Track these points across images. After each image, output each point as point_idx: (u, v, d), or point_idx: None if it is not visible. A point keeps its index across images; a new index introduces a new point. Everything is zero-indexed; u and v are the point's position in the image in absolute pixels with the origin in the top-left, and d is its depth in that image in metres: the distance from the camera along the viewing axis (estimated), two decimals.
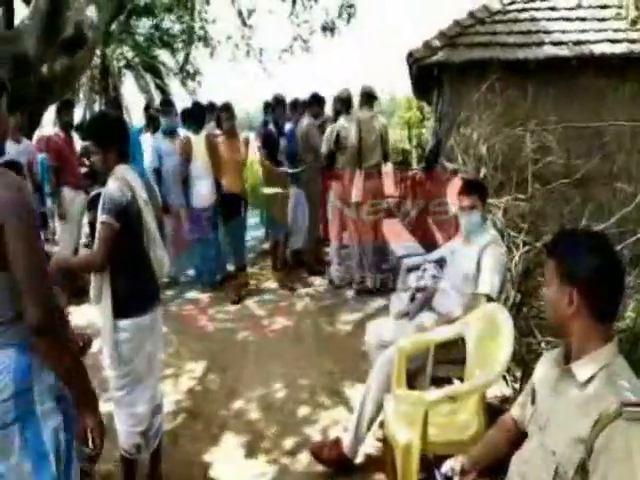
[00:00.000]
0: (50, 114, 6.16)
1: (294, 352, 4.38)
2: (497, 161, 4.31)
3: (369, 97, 5.75)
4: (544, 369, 1.68)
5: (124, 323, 2.44)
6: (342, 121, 5.62)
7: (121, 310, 2.44)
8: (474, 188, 3.25)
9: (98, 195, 2.46)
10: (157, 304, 2.62)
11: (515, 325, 2.62)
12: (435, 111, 7.92)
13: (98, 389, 1.83)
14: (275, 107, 6.28)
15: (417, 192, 6.82)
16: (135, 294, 2.49)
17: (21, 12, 6.27)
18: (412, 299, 3.72)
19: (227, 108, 5.60)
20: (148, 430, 2.61)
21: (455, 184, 4.30)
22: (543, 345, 3.26)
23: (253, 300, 5.58)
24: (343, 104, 5.73)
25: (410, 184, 7.16)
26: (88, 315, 3.73)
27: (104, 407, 2.16)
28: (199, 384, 3.89)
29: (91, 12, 5.94)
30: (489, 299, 2.99)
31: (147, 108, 6.22)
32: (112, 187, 2.40)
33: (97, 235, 2.38)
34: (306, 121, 6.25)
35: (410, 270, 4.18)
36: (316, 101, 6.48)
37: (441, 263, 4.16)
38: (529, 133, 4.30)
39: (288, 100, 6.57)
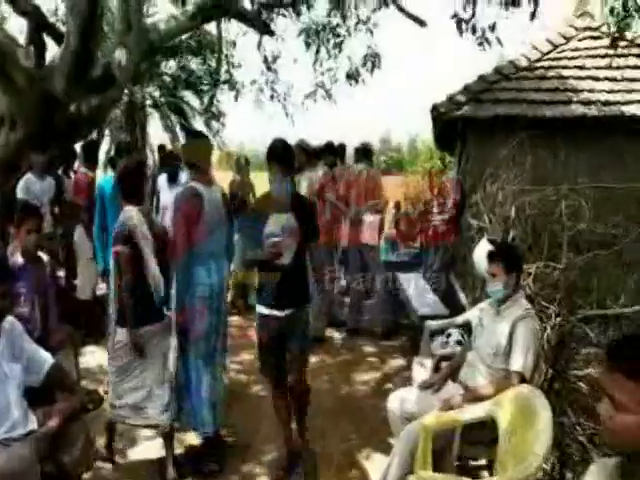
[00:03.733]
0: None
1: (310, 410, 4.17)
2: (527, 223, 4.15)
3: (365, 152, 6.16)
4: None
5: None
6: None
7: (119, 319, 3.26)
8: (499, 255, 3.10)
9: None
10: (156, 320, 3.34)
11: None
12: (458, 164, 7.83)
13: None
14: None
15: (440, 244, 6.65)
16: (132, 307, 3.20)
17: (52, 49, 6.37)
18: (436, 368, 3.53)
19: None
20: None
21: (482, 246, 4.15)
22: (579, 429, 3.04)
23: None
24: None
25: (432, 235, 7.00)
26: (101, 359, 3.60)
27: None
28: None
29: (120, 53, 5.99)
30: (522, 378, 2.80)
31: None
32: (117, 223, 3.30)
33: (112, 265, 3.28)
34: (320, 171, 6.18)
35: (434, 334, 3.99)
36: (330, 150, 6.43)
37: (467, 327, 3.99)
38: (562, 196, 4.14)
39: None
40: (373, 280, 6.00)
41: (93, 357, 4.92)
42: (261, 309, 3.32)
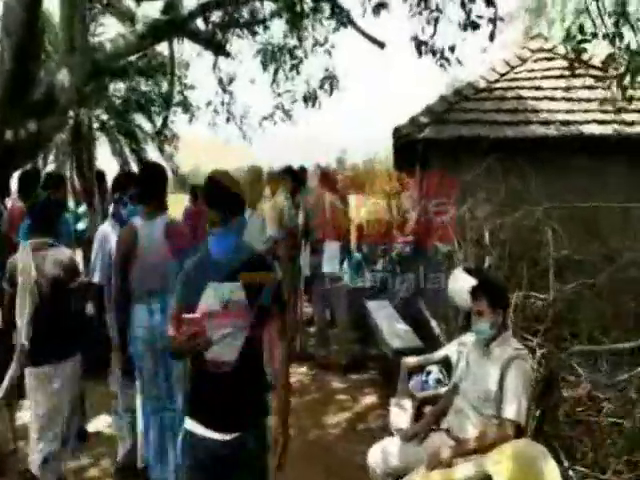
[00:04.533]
0: None
1: None
2: (503, 249, 3.93)
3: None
4: None
5: None
6: None
7: None
8: (483, 291, 2.84)
9: None
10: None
11: None
12: (420, 186, 7.64)
13: None
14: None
15: (406, 269, 6.42)
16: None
17: None
18: (418, 414, 3.22)
19: None
20: None
21: (458, 276, 3.91)
22: (571, 473, 2.77)
23: None
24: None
25: (397, 260, 6.77)
26: None
27: None
28: None
29: (63, 75, 5.54)
30: (517, 427, 2.53)
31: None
32: None
33: None
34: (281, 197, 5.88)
35: (411, 372, 3.69)
36: (291, 174, 6.16)
37: (446, 363, 3.71)
38: (538, 220, 3.94)
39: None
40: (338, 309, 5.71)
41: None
42: (191, 425, 2.22)
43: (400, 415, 3.46)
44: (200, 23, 8.19)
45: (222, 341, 2.10)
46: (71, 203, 7.91)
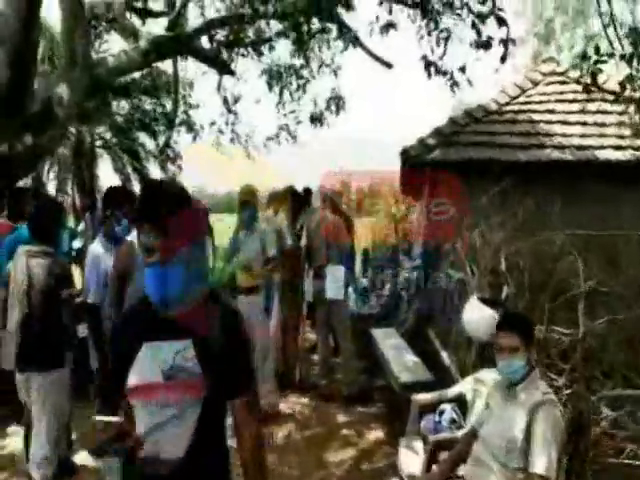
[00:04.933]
0: None
1: None
2: (522, 277, 3.66)
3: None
4: None
5: None
6: None
7: None
8: (516, 324, 2.56)
9: None
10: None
11: None
12: (427, 210, 7.38)
13: None
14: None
15: (414, 295, 6.14)
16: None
17: None
18: (431, 459, 2.91)
19: None
20: None
21: (476, 307, 3.63)
22: None
23: None
24: None
25: (405, 286, 6.49)
26: None
27: None
28: None
29: (62, 89, 5.34)
30: None
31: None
32: None
33: None
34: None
35: (422, 411, 3.39)
36: (293, 195, 5.92)
37: (460, 400, 3.41)
38: (559, 246, 3.67)
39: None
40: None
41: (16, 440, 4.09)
42: None
43: (411, 458, 3.15)
44: (205, 41, 8.06)
45: (162, 429, 1.46)
46: (71, 221, 7.70)
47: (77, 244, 5.99)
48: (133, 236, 3.13)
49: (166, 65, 9.64)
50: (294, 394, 5.25)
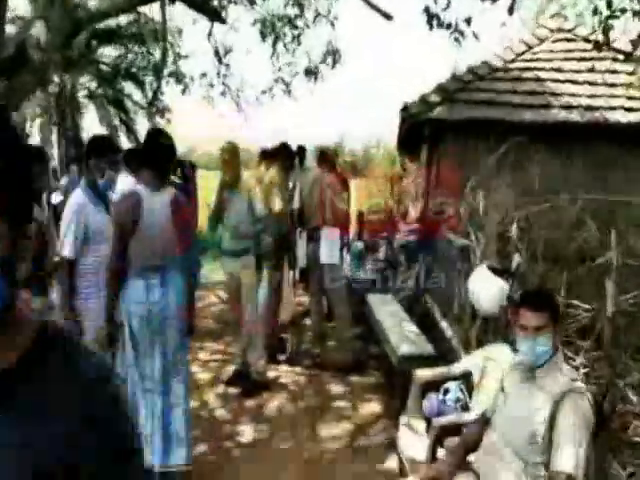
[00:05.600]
0: None
1: None
2: (535, 246, 3.36)
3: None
4: None
5: None
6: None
7: None
8: (544, 299, 2.26)
9: None
10: None
11: None
12: (427, 170, 7.02)
13: None
14: None
15: (411, 260, 5.85)
16: None
17: None
18: (436, 443, 2.66)
19: None
20: None
21: (485, 277, 3.34)
22: None
23: (213, 393, 4.42)
24: None
25: (401, 250, 6.20)
26: None
27: None
28: None
29: (38, 31, 4.85)
30: None
31: None
32: None
33: None
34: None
35: (425, 389, 3.13)
36: (286, 152, 5.49)
37: (467, 378, 3.15)
38: (579, 211, 3.35)
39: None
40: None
41: None
42: None
43: (411, 439, 2.91)
44: None
45: None
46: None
47: (57, 198, 5.59)
48: (126, 183, 3.00)
49: (154, 12, 9.01)
50: (285, 363, 4.99)
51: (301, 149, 7.00)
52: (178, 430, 2.96)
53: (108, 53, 10.27)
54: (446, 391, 3.00)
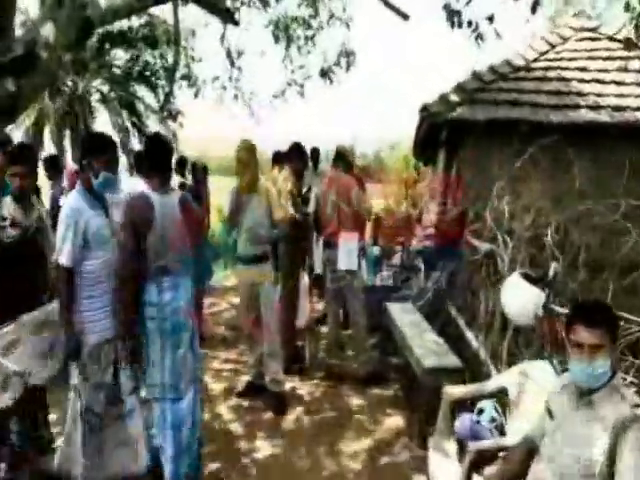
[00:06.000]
0: None
1: None
2: (575, 254, 3.09)
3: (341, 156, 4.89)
4: None
5: None
6: None
7: None
8: (602, 314, 1.98)
9: None
10: None
11: None
12: (446, 173, 6.74)
13: None
14: None
15: (430, 266, 5.59)
16: None
17: None
18: (472, 470, 2.39)
19: None
20: None
21: (520, 285, 3.07)
22: None
23: (226, 405, 4.19)
24: None
25: (419, 256, 5.94)
26: None
27: None
28: None
29: (47, 31, 4.66)
30: None
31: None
32: None
33: None
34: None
35: (458, 408, 2.86)
36: (299, 153, 5.22)
37: (501, 396, 2.89)
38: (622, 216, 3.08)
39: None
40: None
41: None
42: None
43: (443, 464, 2.64)
44: None
45: None
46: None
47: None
48: (148, 191, 2.82)
49: (166, 14, 8.84)
50: (301, 374, 4.73)
51: (315, 151, 6.77)
52: (189, 440, 2.88)
53: (120, 56, 10.15)
54: (480, 411, 2.74)
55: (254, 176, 4.14)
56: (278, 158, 5.81)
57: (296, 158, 5.09)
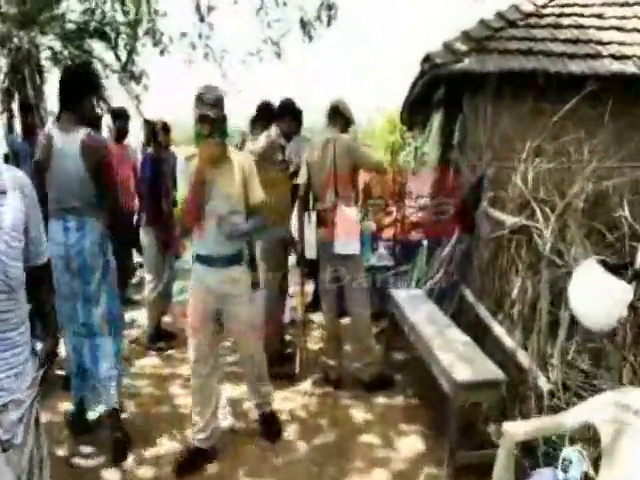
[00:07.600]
0: None
1: None
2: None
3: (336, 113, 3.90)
4: None
5: None
6: None
7: None
8: None
9: None
10: None
11: None
12: (444, 135, 5.77)
13: None
14: None
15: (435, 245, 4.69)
16: None
17: None
18: None
19: None
20: None
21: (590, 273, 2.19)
22: None
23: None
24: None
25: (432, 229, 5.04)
26: None
27: None
28: None
29: None
30: None
31: None
32: None
33: None
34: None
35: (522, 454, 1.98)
36: (293, 111, 4.26)
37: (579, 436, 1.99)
38: None
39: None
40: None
41: None
42: None
43: None
44: None
45: None
46: None
47: None
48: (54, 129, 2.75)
49: None
50: (292, 383, 3.80)
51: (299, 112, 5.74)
52: (103, 377, 2.87)
53: (74, 8, 8.74)
54: (567, 462, 1.86)
55: (223, 143, 2.78)
56: (263, 116, 4.69)
57: (289, 117, 4.12)
